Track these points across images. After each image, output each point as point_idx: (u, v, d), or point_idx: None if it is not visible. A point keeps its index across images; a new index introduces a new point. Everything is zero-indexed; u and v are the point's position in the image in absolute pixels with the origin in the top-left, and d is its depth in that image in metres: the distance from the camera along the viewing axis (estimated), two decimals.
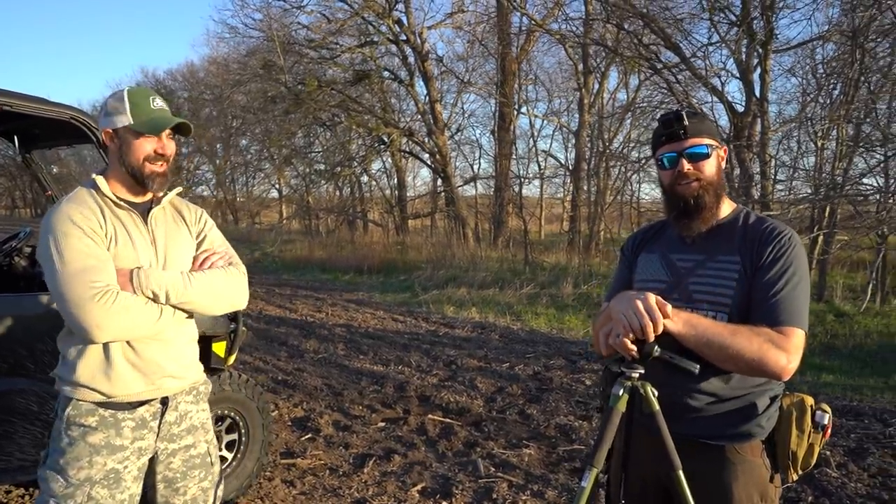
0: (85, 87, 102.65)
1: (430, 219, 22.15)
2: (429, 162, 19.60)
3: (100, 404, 1.91)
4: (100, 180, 1.94)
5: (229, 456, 3.60)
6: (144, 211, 2.01)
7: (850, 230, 10.41)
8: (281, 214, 30.43)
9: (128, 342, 1.91)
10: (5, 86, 2.80)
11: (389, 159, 21.99)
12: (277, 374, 6.30)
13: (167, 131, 1.97)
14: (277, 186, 30.47)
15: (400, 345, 7.68)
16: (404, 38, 18.20)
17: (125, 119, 1.92)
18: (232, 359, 3.75)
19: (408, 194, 22.75)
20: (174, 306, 1.94)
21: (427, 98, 18.66)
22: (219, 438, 3.58)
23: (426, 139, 18.90)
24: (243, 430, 3.64)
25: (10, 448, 2.75)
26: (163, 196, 2.06)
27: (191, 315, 2.06)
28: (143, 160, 1.94)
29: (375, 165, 22.73)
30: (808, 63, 11.44)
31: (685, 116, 1.73)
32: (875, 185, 10.22)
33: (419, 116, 19.47)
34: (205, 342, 3.69)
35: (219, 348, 3.67)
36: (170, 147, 1.99)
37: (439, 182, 20.76)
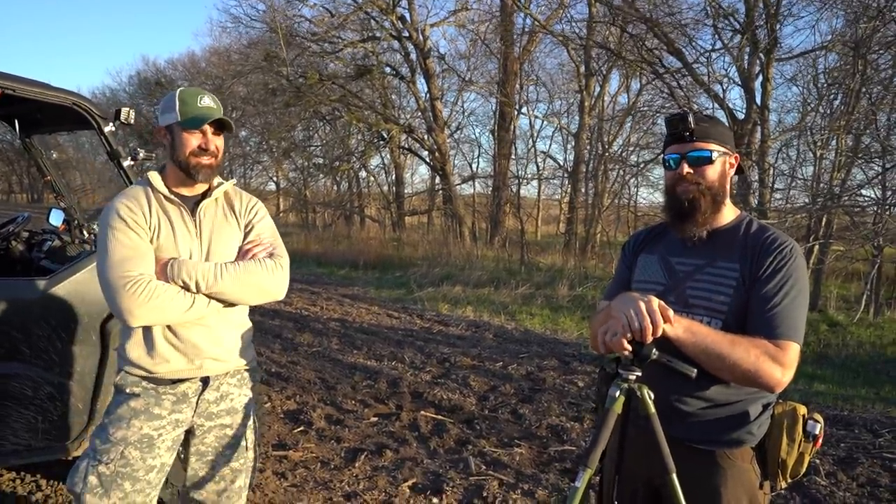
0: (86, 73, 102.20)
1: (428, 216, 22.15)
2: (428, 159, 19.60)
3: (144, 378, 2.07)
4: (153, 176, 2.09)
5: None
6: (194, 204, 2.13)
7: (846, 241, 10.45)
8: (278, 207, 30.38)
9: (169, 327, 2.04)
10: (6, 70, 2.79)
11: (388, 155, 21.98)
12: (271, 367, 6.30)
13: (211, 128, 2.08)
14: (275, 179, 30.39)
15: (394, 341, 7.69)
16: (407, 34, 18.19)
17: (174, 116, 2.05)
18: None
19: (406, 191, 22.74)
20: (207, 296, 2.03)
21: (428, 95, 18.66)
22: None
23: (426, 136, 18.89)
24: None
25: (3, 432, 2.75)
26: (215, 188, 2.17)
27: (231, 304, 2.13)
28: (188, 154, 2.06)
29: (374, 161, 22.72)
30: (810, 73, 11.49)
31: (691, 119, 1.74)
32: (872, 196, 10.26)
33: (419, 113, 19.48)
34: None
35: None
36: (214, 142, 2.10)
37: (437, 180, 20.76)
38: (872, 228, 9.66)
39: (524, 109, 19.24)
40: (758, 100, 10.85)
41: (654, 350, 1.55)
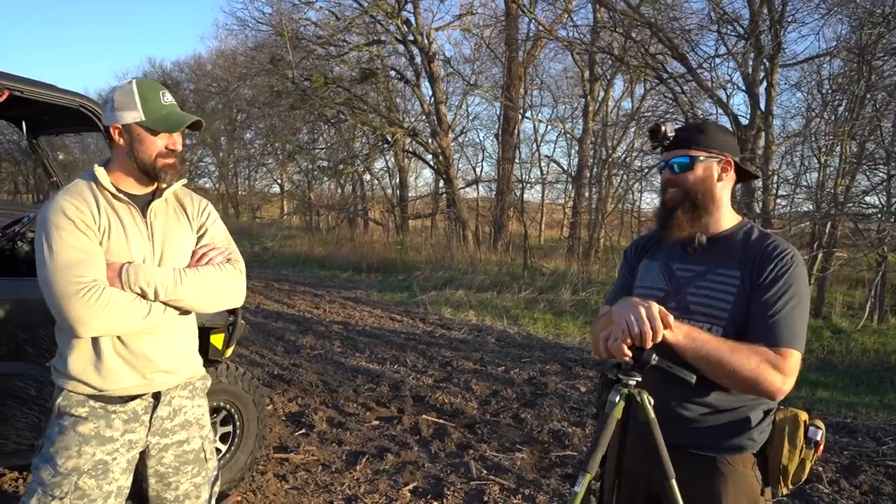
0: (91, 75, 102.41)
1: (431, 220, 22.16)
2: (431, 163, 19.62)
3: (91, 396, 1.90)
4: (100, 172, 1.91)
5: (223, 448, 3.62)
6: (144, 203, 1.98)
7: (850, 248, 10.43)
8: (282, 210, 30.47)
9: (119, 337, 1.89)
10: (13, 71, 2.81)
11: (392, 159, 22.03)
12: (273, 369, 6.31)
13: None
14: (280, 181, 30.48)
15: (396, 344, 7.69)
16: (412, 38, 18.23)
17: (136, 115, 1.90)
18: (229, 351, 3.76)
19: (409, 194, 22.76)
20: (164, 303, 1.90)
21: (432, 99, 18.69)
22: (213, 430, 3.59)
23: (430, 140, 18.92)
24: (238, 423, 3.66)
25: (6, 432, 2.76)
26: (165, 188, 2.02)
27: (186, 311, 2.02)
28: (155, 156, 1.93)
29: (378, 164, 22.79)
30: (815, 78, 11.48)
31: (666, 129, 1.81)
32: (877, 203, 10.25)
33: (424, 117, 19.50)
34: (203, 334, 3.71)
35: (217, 340, 3.68)
36: (180, 143, 1.99)
37: (441, 183, 20.77)
38: (877, 236, 9.65)
39: (528, 114, 19.29)
40: (762, 105, 10.85)
41: (654, 356, 1.56)
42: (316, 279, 13.99)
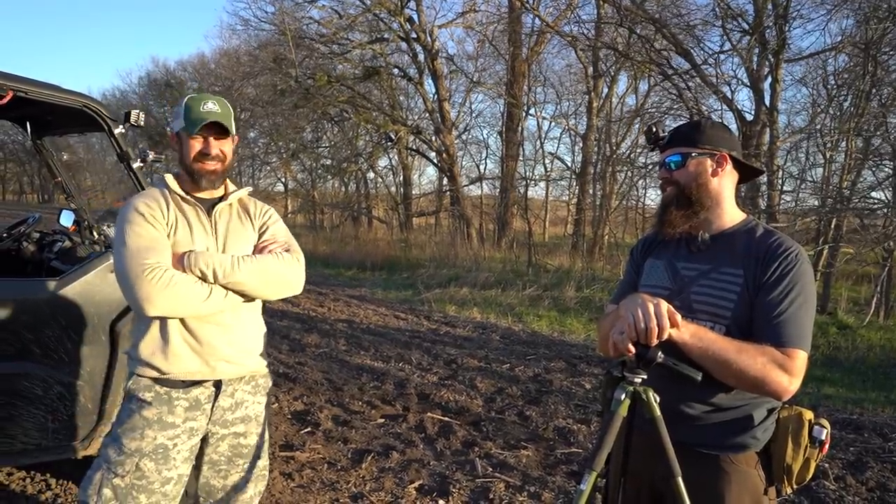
0: (96, 75, 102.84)
1: (435, 217, 22.16)
2: (435, 160, 19.65)
3: (156, 380, 2.04)
4: (169, 178, 2.12)
5: None
6: (210, 206, 2.14)
7: (855, 243, 10.39)
8: (286, 208, 30.46)
9: (184, 323, 2.03)
10: (16, 72, 2.82)
11: (396, 157, 22.02)
12: (279, 367, 6.32)
13: (213, 133, 2.08)
14: (283, 180, 30.49)
15: (401, 342, 7.70)
16: (415, 35, 18.23)
17: (180, 122, 2.07)
18: None
19: (413, 192, 22.75)
20: (224, 286, 2.02)
21: (436, 96, 18.69)
22: None
23: (433, 138, 18.92)
24: None
25: (13, 431, 2.77)
26: (231, 193, 2.20)
27: (251, 300, 2.13)
28: (192, 159, 2.08)
29: (382, 162, 22.75)
30: (820, 74, 11.43)
31: (657, 130, 1.87)
32: (883, 198, 10.20)
33: (427, 115, 19.49)
34: None
35: None
36: (217, 147, 2.10)
37: (445, 181, 20.78)
38: (883, 231, 9.61)
39: (532, 111, 19.28)
40: (767, 101, 10.81)
41: (660, 353, 1.56)
42: (320, 277, 14.00)
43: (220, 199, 2.18)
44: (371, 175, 23.42)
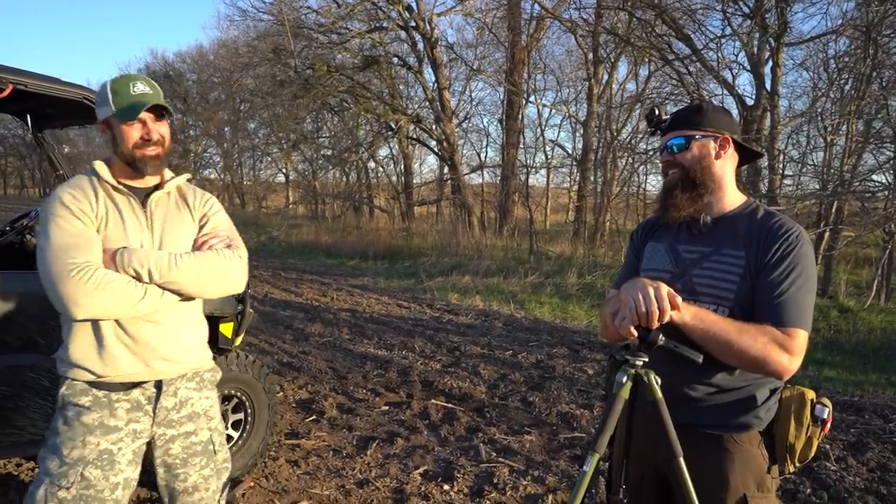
0: (93, 67, 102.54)
1: (436, 206, 22.14)
2: (436, 149, 19.60)
3: (92, 384, 1.91)
4: (99, 166, 1.96)
5: (235, 435, 3.66)
6: (145, 196, 1.99)
7: (856, 226, 10.39)
8: (287, 199, 30.48)
9: (119, 323, 1.90)
10: (15, 64, 2.82)
11: (396, 146, 21.96)
12: (283, 357, 6.36)
13: (151, 116, 1.94)
14: (284, 171, 30.49)
15: (404, 330, 7.73)
16: (414, 24, 18.13)
17: (108, 109, 1.92)
18: (239, 340, 3.80)
19: (414, 181, 22.71)
20: (161, 286, 1.90)
21: (435, 85, 18.61)
22: (225, 418, 3.64)
23: (434, 126, 18.86)
24: (249, 410, 3.69)
25: (21, 422, 2.80)
26: (168, 181, 2.04)
27: (190, 298, 2.01)
28: (132, 147, 1.93)
29: (382, 152, 22.70)
30: (821, 57, 11.39)
31: (659, 112, 1.85)
32: (884, 181, 10.19)
33: (427, 103, 19.42)
34: (212, 323, 3.75)
35: (226, 329, 3.71)
36: (157, 131, 1.95)
37: (446, 169, 20.74)
38: (884, 213, 9.61)
39: (532, 98, 19.22)
40: (767, 85, 10.77)
41: (661, 336, 1.57)
42: (323, 267, 14.03)
43: (156, 187, 2.02)
44: (372, 165, 23.41)
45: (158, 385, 1.98)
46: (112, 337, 1.90)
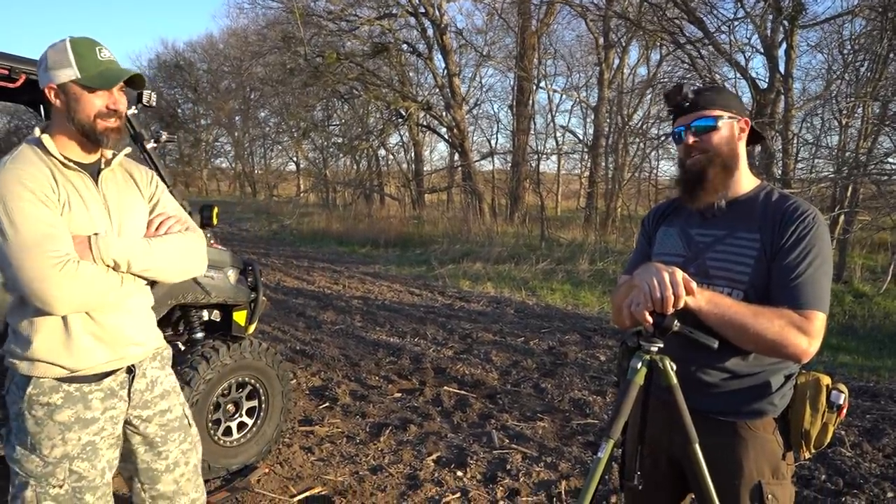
0: None
1: (447, 193, 22.09)
2: (446, 136, 19.52)
3: (62, 380, 1.81)
4: (46, 139, 1.79)
5: (249, 422, 3.69)
6: (94, 172, 1.87)
7: (872, 210, 10.27)
8: (298, 187, 30.53)
9: (87, 313, 1.81)
10: (24, 54, 2.83)
11: (407, 133, 21.91)
12: (296, 344, 6.40)
13: (119, 85, 1.83)
14: (295, 159, 30.53)
15: (416, 317, 7.75)
16: (423, 10, 18.02)
17: (71, 72, 1.76)
18: (252, 327, 3.82)
19: (425, 168, 22.66)
20: (135, 274, 1.84)
21: (445, 72, 18.52)
22: (239, 405, 3.67)
23: (444, 113, 18.79)
24: (263, 398, 3.72)
25: None
26: (112, 157, 1.93)
27: (153, 282, 1.97)
28: (94, 117, 1.79)
29: (393, 139, 22.66)
30: (836, 39, 11.20)
31: (687, 89, 1.76)
32: None
33: (437, 90, 19.34)
34: (226, 311, 3.77)
35: (240, 317, 3.74)
36: (122, 102, 1.84)
37: (456, 156, 20.68)
38: None
39: (542, 84, 19.05)
40: (781, 68, 10.63)
41: (676, 321, 1.56)
42: (334, 255, 14.06)
43: (100, 162, 1.90)
44: (382, 152, 23.36)
45: (130, 370, 1.95)
46: (80, 328, 1.80)
